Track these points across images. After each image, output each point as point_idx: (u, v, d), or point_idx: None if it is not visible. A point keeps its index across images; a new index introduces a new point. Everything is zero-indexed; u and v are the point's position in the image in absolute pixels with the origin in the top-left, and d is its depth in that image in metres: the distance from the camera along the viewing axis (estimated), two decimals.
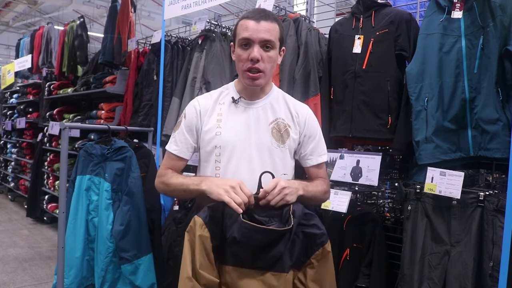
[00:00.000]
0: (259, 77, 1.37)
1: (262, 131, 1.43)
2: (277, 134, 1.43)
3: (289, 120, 1.46)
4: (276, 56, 1.41)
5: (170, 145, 1.49)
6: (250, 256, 1.21)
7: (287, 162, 1.46)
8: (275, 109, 1.46)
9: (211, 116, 1.46)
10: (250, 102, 1.46)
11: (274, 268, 1.23)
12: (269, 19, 1.36)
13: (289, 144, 1.45)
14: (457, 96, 1.88)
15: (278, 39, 1.39)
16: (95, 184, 2.15)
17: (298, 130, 1.47)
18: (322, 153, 1.52)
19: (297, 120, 1.47)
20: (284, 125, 1.45)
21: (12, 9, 11.88)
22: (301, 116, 1.48)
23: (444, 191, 1.81)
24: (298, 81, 2.37)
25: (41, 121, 5.77)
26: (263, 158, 1.41)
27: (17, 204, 6.76)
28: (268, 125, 1.44)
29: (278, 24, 1.39)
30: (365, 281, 2.04)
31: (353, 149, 2.53)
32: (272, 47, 1.37)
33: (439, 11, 1.96)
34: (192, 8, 2.79)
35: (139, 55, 3.79)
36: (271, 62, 1.38)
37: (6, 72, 6.70)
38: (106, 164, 2.15)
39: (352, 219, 2.14)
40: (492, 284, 1.67)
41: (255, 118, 1.44)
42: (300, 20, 2.48)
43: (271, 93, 1.49)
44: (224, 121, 1.45)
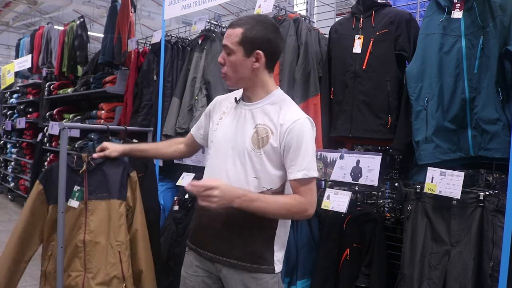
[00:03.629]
0: (225, 78, 1.51)
1: (245, 133, 1.47)
2: (256, 138, 1.45)
3: (273, 127, 1.44)
4: (240, 60, 1.43)
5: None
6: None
7: (262, 168, 1.44)
8: (265, 114, 1.47)
9: (218, 112, 1.60)
10: (247, 104, 1.52)
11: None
12: (233, 26, 1.44)
13: (266, 150, 1.43)
14: (457, 96, 1.88)
15: (237, 43, 1.42)
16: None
17: (278, 139, 1.43)
18: (301, 168, 1.40)
19: (280, 129, 1.43)
20: (266, 131, 1.44)
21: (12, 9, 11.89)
22: (285, 126, 1.42)
23: (444, 191, 1.81)
24: (298, 81, 2.37)
25: (41, 121, 5.77)
26: (237, 159, 1.47)
27: (17, 204, 6.76)
28: (252, 128, 1.47)
29: (241, 28, 1.42)
30: (365, 281, 2.04)
31: (353, 149, 2.53)
32: (229, 51, 1.44)
33: (439, 11, 1.96)
34: (192, 8, 2.79)
35: (139, 55, 3.78)
36: (232, 66, 1.45)
37: (6, 72, 6.70)
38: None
39: (352, 219, 2.14)
40: (492, 284, 1.67)
41: (244, 120, 1.49)
42: (300, 20, 2.48)
43: (269, 97, 1.49)
44: (224, 118, 1.55)
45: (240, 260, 1.47)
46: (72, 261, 1.85)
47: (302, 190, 1.43)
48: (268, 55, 1.45)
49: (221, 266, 1.50)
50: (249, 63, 1.43)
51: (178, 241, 2.53)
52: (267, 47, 1.43)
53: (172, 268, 2.49)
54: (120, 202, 1.87)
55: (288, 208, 1.42)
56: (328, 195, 2.15)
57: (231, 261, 1.48)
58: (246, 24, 1.42)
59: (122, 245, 1.85)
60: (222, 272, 1.51)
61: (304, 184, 1.42)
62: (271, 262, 1.47)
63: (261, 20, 1.46)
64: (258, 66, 1.44)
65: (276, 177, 1.46)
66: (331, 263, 2.16)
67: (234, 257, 1.47)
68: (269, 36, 1.43)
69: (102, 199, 1.86)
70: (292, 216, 1.49)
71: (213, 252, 1.52)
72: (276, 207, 1.41)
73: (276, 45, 1.47)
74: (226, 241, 1.49)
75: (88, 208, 1.86)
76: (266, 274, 1.47)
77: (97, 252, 1.84)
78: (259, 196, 1.41)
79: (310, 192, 1.43)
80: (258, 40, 1.41)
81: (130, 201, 1.91)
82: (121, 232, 1.86)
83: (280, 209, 1.41)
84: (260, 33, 1.42)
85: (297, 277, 2.27)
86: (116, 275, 1.83)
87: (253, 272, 1.46)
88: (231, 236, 1.49)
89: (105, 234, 1.85)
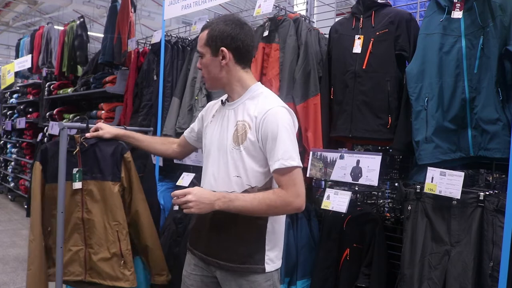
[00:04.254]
0: (205, 81, 1.57)
1: (227, 132, 1.49)
2: (236, 135, 1.46)
3: (251, 122, 1.44)
4: (209, 60, 1.48)
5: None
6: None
7: (243, 165, 1.43)
8: (244, 110, 1.47)
9: (208, 116, 1.63)
10: (230, 103, 1.54)
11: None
12: (202, 30, 1.51)
13: (246, 146, 1.43)
14: (457, 96, 1.88)
15: (204, 45, 1.48)
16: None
17: (255, 132, 1.42)
18: (276, 158, 1.36)
19: (255, 121, 1.42)
20: (244, 126, 1.44)
21: (12, 9, 11.88)
22: (259, 117, 1.41)
23: (444, 191, 1.81)
24: (298, 81, 2.37)
25: (41, 121, 5.77)
26: (221, 159, 1.49)
27: (17, 204, 6.76)
28: (233, 127, 1.48)
29: (207, 29, 1.47)
30: (365, 281, 2.04)
31: (353, 149, 2.53)
32: (201, 55, 1.50)
33: (439, 11, 1.96)
34: (192, 8, 2.79)
35: (139, 55, 3.78)
36: (205, 68, 1.51)
37: (6, 72, 6.70)
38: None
39: (352, 219, 2.14)
40: (492, 284, 1.67)
41: (227, 120, 1.51)
42: (300, 20, 2.48)
43: (247, 93, 1.50)
44: (213, 122, 1.59)
45: (229, 262, 1.46)
46: (72, 236, 1.90)
47: (283, 182, 1.38)
48: (234, 51, 1.46)
49: (214, 268, 1.51)
50: (217, 62, 1.46)
51: (178, 241, 2.53)
52: (230, 43, 1.45)
53: (172, 268, 2.48)
54: (113, 183, 1.88)
55: (268, 203, 1.36)
56: (328, 195, 2.15)
57: (221, 263, 1.48)
58: (210, 25, 1.47)
59: (119, 225, 1.88)
60: (216, 273, 1.52)
61: (284, 175, 1.37)
62: (260, 261, 1.46)
63: (224, 18, 1.49)
64: (227, 63, 1.46)
65: (260, 173, 1.44)
66: (331, 263, 2.16)
67: (224, 258, 1.47)
68: (230, 32, 1.45)
69: (96, 180, 1.88)
70: (277, 211, 1.43)
71: (205, 253, 1.53)
72: (256, 204, 1.37)
73: (241, 39, 1.46)
74: (216, 242, 1.50)
75: (83, 188, 1.88)
76: (258, 275, 1.46)
77: (96, 230, 1.89)
78: (238, 195, 1.39)
79: (293, 183, 1.37)
80: (220, 38, 1.44)
81: (125, 182, 1.91)
82: (117, 213, 1.88)
83: (260, 205, 1.36)
84: (222, 30, 1.44)
85: (297, 277, 2.27)
86: (115, 252, 1.88)
87: (245, 274, 1.46)
88: (219, 237, 1.49)
89: (102, 213, 1.89)
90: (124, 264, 1.87)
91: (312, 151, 2.27)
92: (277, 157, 1.36)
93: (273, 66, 2.41)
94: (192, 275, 1.59)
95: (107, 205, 1.88)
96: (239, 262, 1.46)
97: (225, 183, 1.46)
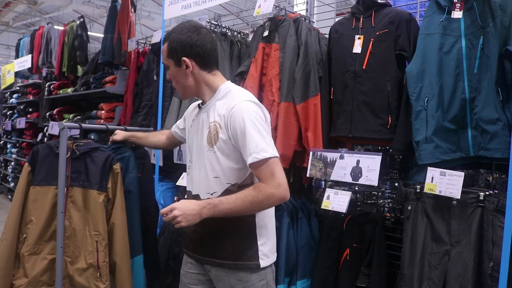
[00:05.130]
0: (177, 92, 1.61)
1: (203, 135, 1.51)
2: (209, 137, 1.47)
3: (221, 121, 1.44)
4: (175, 72, 1.51)
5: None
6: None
7: (218, 165, 1.45)
8: (214, 111, 1.48)
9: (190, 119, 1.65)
10: (203, 107, 1.56)
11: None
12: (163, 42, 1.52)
13: (219, 146, 1.44)
14: (457, 96, 1.88)
15: (167, 57, 1.50)
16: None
17: (225, 130, 1.43)
18: (250, 152, 1.35)
19: (224, 120, 1.43)
20: (216, 127, 1.46)
21: (12, 9, 11.88)
22: (226, 115, 1.42)
23: (444, 191, 1.81)
24: (298, 81, 2.37)
25: (41, 121, 5.77)
26: (200, 161, 1.51)
27: None
28: (206, 129, 1.49)
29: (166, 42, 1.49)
30: (365, 281, 2.04)
31: (353, 149, 2.53)
32: (166, 67, 1.54)
33: (439, 11, 1.96)
34: (192, 8, 2.79)
35: (139, 55, 3.79)
36: (173, 79, 1.54)
37: (6, 72, 6.70)
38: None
39: (352, 219, 2.14)
40: (492, 284, 1.67)
41: (202, 123, 1.54)
42: (300, 20, 2.48)
43: (216, 94, 1.50)
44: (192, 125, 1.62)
45: (223, 259, 1.48)
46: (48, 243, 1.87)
47: (261, 175, 1.36)
48: (196, 58, 1.47)
49: (209, 267, 1.53)
50: (182, 71, 1.49)
51: (178, 241, 2.53)
52: (190, 51, 1.46)
53: (172, 268, 2.49)
54: (99, 192, 1.87)
55: (250, 200, 1.35)
56: (328, 195, 2.15)
57: (216, 261, 1.50)
58: (168, 37, 1.49)
59: (99, 236, 1.85)
60: (211, 272, 1.53)
61: (260, 167, 1.35)
62: (254, 257, 1.47)
63: (180, 27, 1.49)
64: (192, 71, 1.48)
65: (237, 170, 1.45)
66: (331, 263, 2.16)
67: (218, 256, 1.49)
68: (188, 40, 1.45)
69: (83, 187, 1.88)
70: (262, 206, 1.40)
71: (199, 254, 1.56)
72: (239, 204, 1.36)
73: (200, 45, 1.46)
74: (208, 242, 1.52)
75: (69, 194, 1.87)
76: (252, 274, 1.47)
77: (76, 239, 1.86)
78: (221, 199, 1.40)
79: (270, 174, 1.35)
80: (179, 48, 1.46)
81: (110, 193, 1.90)
82: (99, 223, 1.85)
83: (244, 204, 1.36)
84: (179, 40, 1.46)
85: (297, 277, 2.27)
86: (92, 263, 1.84)
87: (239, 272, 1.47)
88: (211, 237, 1.51)
89: (84, 222, 1.87)
90: (100, 276, 1.83)
91: (312, 151, 2.27)
92: (249, 152, 1.35)
93: (273, 66, 2.41)
94: (188, 273, 1.62)
95: (89, 214, 1.86)
96: (233, 259, 1.47)
97: (206, 185, 1.48)
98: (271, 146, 1.38)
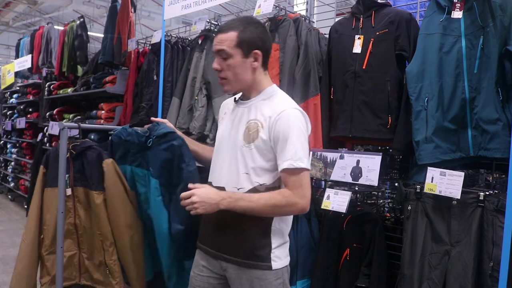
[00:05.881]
0: (224, 83, 1.51)
1: (238, 130, 1.50)
2: (247, 133, 1.47)
3: (264, 121, 1.46)
4: (239, 62, 1.46)
5: None
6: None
7: (253, 163, 1.45)
8: (257, 110, 1.49)
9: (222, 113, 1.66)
10: (243, 102, 1.56)
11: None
12: (224, 30, 1.47)
13: (257, 144, 1.44)
14: (457, 96, 1.88)
15: (235, 46, 1.45)
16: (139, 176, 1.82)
17: (268, 131, 1.44)
18: (287, 158, 1.38)
19: (269, 121, 1.44)
20: (257, 125, 1.46)
21: (12, 9, 11.87)
22: (272, 117, 1.43)
23: (444, 191, 1.81)
24: (298, 81, 2.37)
25: (41, 121, 5.77)
26: (231, 156, 1.50)
27: (17, 204, 6.76)
28: (244, 125, 1.49)
29: (235, 32, 1.45)
30: (365, 281, 2.04)
31: (353, 149, 2.53)
32: (227, 56, 1.45)
33: (439, 11, 1.96)
34: (192, 8, 2.79)
35: (139, 55, 3.79)
36: (231, 70, 1.47)
37: (6, 72, 6.70)
38: (148, 155, 1.76)
39: (352, 219, 2.14)
40: (492, 284, 1.67)
41: (239, 117, 1.53)
42: (300, 20, 2.48)
43: (262, 94, 1.52)
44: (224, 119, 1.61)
45: (237, 257, 1.47)
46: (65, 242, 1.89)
47: (290, 182, 1.40)
48: (264, 53, 1.49)
49: (226, 265, 1.51)
50: (248, 63, 1.47)
51: None
52: (262, 46, 1.48)
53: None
54: (97, 193, 1.84)
55: (273, 203, 1.39)
56: (328, 195, 2.15)
57: (231, 258, 1.48)
58: (238, 27, 1.46)
59: (102, 236, 1.85)
60: (227, 271, 1.51)
61: (292, 175, 1.39)
62: (266, 258, 1.46)
63: (251, 21, 1.50)
64: (257, 65, 1.48)
65: (268, 172, 1.46)
66: (331, 263, 2.16)
67: (233, 253, 1.48)
68: (262, 35, 1.48)
69: (85, 187, 1.88)
70: (282, 212, 1.44)
71: (215, 248, 1.54)
72: (261, 204, 1.39)
73: (269, 43, 1.53)
74: (223, 238, 1.51)
75: (75, 194, 1.88)
76: (268, 273, 1.46)
77: (88, 236, 1.89)
78: (244, 195, 1.41)
79: (299, 184, 1.39)
80: (254, 40, 1.46)
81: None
82: (100, 223, 1.85)
83: (265, 205, 1.39)
84: (254, 33, 1.46)
85: (297, 277, 2.27)
86: (101, 261, 1.87)
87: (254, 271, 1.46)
88: (225, 234, 1.51)
89: (90, 221, 1.89)
90: (110, 273, 1.85)
91: (312, 151, 2.27)
92: (287, 157, 1.38)
93: (273, 66, 2.41)
94: (199, 276, 1.58)
95: (93, 213, 1.87)
96: (244, 257, 1.47)
97: (235, 180, 1.47)
98: (307, 158, 1.42)
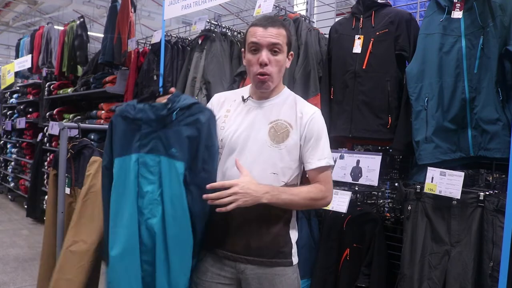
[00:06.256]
0: (267, 79, 1.43)
1: (260, 130, 1.47)
2: (274, 134, 1.46)
3: (292, 121, 1.47)
4: (284, 60, 1.47)
5: None
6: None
7: (282, 163, 1.45)
8: (280, 110, 1.49)
9: (220, 110, 1.56)
10: (258, 102, 1.52)
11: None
12: (276, 25, 1.43)
13: (286, 145, 1.44)
14: (457, 96, 1.88)
15: (286, 43, 1.45)
16: (148, 167, 1.41)
17: (299, 132, 1.46)
18: (322, 157, 1.45)
19: (300, 122, 1.47)
20: (285, 126, 1.46)
21: (12, 9, 11.88)
22: (304, 118, 1.47)
23: (444, 191, 1.81)
24: (298, 81, 2.37)
25: (41, 121, 5.77)
26: (255, 156, 1.45)
27: (17, 204, 6.75)
28: (267, 125, 1.47)
29: (285, 29, 1.46)
30: (365, 281, 2.04)
31: (353, 149, 2.53)
32: (279, 50, 1.43)
33: (439, 11, 1.96)
34: (192, 8, 2.79)
35: (139, 55, 3.79)
36: (278, 66, 1.44)
37: (6, 72, 6.70)
38: (167, 133, 1.40)
39: (352, 219, 2.14)
40: (492, 284, 1.67)
41: (257, 118, 1.49)
42: (300, 20, 2.48)
43: (280, 95, 1.53)
44: (229, 117, 1.54)
45: (263, 257, 1.43)
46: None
47: (321, 178, 1.46)
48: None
49: (245, 266, 1.44)
50: (287, 63, 1.50)
51: None
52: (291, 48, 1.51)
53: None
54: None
55: (311, 196, 1.43)
56: None
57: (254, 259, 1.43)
58: (284, 25, 1.47)
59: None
60: (245, 272, 1.44)
61: (324, 172, 1.47)
62: (289, 254, 1.48)
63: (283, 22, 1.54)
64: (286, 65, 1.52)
65: (293, 170, 1.48)
66: (331, 263, 2.16)
67: (258, 255, 1.44)
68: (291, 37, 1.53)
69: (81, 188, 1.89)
70: (315, 205, 1.50)
71: (236, 251, 1.45)
72: (302, 197, 1.42)
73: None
74: (248, 239, 1.44)
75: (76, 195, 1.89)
76: (288, 268, 1.46)
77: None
78: (285, 189, 1.42)
79: (329, 179, 1.49)
80: (292, 41, 1.51)
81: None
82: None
83: (305, 198, 1.43)
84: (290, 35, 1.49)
85: None
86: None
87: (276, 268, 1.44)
88: (252, 234, 1.44)
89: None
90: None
91: None
92: (323, 156, 1.45)
93: None
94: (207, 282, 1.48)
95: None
96: (270, 257, 1.45)
97: (261, 180, 1.41)
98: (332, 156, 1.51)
